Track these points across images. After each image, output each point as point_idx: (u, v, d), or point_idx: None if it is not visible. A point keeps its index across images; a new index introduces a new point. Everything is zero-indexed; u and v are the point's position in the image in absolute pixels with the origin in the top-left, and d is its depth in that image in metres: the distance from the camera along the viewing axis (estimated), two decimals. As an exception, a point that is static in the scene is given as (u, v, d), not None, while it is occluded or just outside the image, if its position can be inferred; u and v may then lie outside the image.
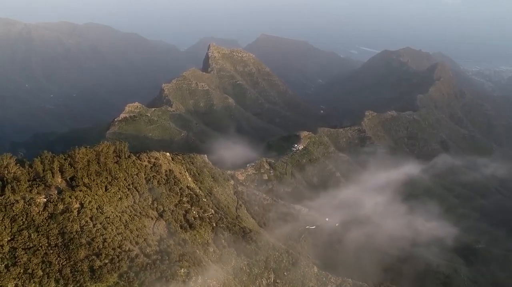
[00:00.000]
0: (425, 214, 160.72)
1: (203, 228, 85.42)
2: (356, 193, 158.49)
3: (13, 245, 57.74)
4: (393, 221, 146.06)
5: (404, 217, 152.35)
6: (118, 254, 62.07)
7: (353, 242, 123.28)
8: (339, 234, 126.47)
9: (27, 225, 60.12)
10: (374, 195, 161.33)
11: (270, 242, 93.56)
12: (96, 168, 75.20)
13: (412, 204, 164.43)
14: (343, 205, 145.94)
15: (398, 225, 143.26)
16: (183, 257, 68.56)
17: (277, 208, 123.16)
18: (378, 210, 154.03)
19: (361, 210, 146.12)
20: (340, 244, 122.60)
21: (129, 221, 70.56)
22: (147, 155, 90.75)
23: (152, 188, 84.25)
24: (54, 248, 59.51)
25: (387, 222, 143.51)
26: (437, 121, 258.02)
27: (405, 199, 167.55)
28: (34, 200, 62.43)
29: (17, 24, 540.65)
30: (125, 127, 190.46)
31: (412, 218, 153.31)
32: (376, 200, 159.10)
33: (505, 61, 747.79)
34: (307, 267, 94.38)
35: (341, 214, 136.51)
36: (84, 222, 63.90)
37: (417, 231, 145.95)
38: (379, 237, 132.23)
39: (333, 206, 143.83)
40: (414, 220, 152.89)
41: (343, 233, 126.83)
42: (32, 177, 66.19)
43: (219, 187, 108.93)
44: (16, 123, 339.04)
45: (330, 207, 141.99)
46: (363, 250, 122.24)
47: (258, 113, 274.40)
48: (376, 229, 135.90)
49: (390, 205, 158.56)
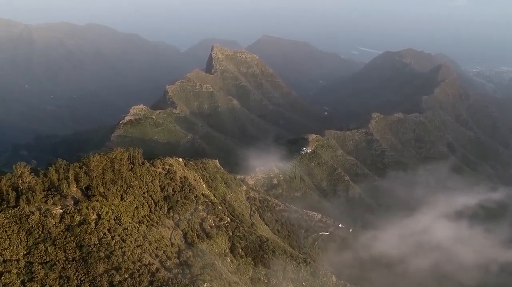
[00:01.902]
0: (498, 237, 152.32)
1: (219, 237, 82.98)
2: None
3: (29, 260, 55.18)
4: (464, 246, 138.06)
5: (477, 240, 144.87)
6: (138, 268, 59.37)
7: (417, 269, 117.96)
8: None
9: (44, 238, 57.53)
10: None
11: (288, 251, 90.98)
12: (111, 176, 72.55)
13: (482, 227, 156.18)
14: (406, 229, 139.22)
15: (470, 250, 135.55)
16: (204, 269, 65.96)
17: (289, 214, 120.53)
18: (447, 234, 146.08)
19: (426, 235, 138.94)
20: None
21: (147, 232, 67.99)
22: (161, 161, 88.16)
23: (167, 196, 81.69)
24: (72, 262, 56.86)
25: (457, 248, 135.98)
26: (443, 123, 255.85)
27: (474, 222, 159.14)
28: (50, 212, 59.80)
29: (18, 25, 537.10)
30: (131, 130, 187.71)
31: (485, 242, 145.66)
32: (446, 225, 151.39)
33: (506, 62, 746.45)
34: (325, 276, 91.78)
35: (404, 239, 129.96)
36: (102, 234, 61.29)
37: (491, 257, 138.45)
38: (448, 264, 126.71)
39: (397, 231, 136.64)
40: (488, 244, 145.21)
41: (405, 261, 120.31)
42: (47, 186, 63.46)
43: (232, 194, 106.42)
44: (17, 124, 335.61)
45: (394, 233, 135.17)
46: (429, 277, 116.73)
47: (262, 115, 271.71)
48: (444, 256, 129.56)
49: (459, 229, 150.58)
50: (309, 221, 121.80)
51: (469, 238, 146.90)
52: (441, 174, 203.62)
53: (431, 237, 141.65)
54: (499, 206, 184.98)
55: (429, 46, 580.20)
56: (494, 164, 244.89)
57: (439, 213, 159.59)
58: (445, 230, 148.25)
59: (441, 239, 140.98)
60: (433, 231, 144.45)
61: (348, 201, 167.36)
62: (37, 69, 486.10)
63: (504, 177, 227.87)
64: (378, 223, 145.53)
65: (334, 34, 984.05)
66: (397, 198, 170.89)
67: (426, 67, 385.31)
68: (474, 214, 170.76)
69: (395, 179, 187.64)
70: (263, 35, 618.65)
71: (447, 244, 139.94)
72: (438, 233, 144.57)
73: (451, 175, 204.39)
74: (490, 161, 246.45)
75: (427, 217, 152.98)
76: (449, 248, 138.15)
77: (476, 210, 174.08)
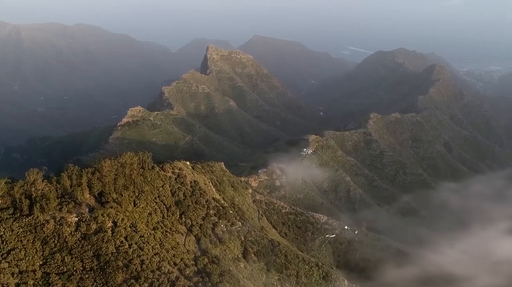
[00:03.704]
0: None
1: (232, 242, 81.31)
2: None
3: (46, 270, 53.24)
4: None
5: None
6: (157, 277, 57.66)
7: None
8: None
9: (60, 248, 55.48)
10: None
11: (299, 255, 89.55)
12: (123, 182, 70.44)
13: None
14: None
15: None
16: (223, 277, 64.31)
17: (295, 217, 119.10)
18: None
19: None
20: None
21: (163, 239, 66.08)
22: (171, 165, 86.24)
23: (179, 201, 79.79)
24: (90, 272, 54.93)
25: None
26: (439, 123, 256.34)
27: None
28: (65, 220, 57.68)
29: (6, 25, 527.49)
30: (128, 132, 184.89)
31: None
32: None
33: (494, 61, 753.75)
34: (338, 280, 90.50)
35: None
36: (119, 243, 59.33)
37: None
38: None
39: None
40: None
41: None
42: (60, 193, 61.24)
43: (239, 197, 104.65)
44: (7, 126, 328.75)
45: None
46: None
47: (258, 116, 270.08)
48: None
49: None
50: (315, 224, 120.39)
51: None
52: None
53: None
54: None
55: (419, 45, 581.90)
56: (491, 163, 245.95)
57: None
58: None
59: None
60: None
61: (349, 202, 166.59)
62: (26, 70, 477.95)
63: (502, 177, 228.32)
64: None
65: (325, 34, 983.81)
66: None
67: (419, 66, 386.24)
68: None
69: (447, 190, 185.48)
70: (255, 35, 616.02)
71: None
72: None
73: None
74: (486, 160, 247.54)
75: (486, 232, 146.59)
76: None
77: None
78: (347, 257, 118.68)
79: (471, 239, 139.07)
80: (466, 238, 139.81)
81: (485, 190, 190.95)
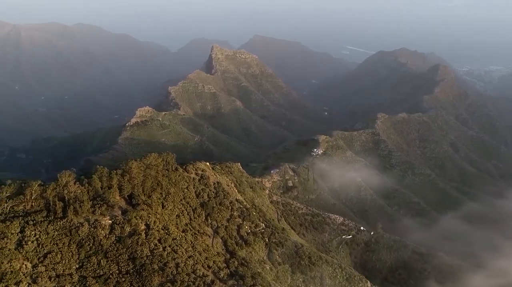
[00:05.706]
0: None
1: (257, 244, 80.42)
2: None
3: (82, 274, 52.21)
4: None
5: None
6: (193, 280, 56.67)
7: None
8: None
9: (95, 251, 54.54)
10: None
11: (323, 257, 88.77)
12: (150, 183, 69.46)
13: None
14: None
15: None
16: (255, 280, 63.40)
17: (312, 218, 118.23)
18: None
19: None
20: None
21: (194, 242, 65.12)
22: (194, 166, 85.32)
23: (204, 202, 78.92)
24: (126, 276, 53.93)
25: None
26: (445, 123, 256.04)
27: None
28: (99, 222, 56.74)
29: (5, 25, 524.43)
30: (137, 132, 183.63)
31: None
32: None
33: (494, 61, 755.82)
34: (361, 281, 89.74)
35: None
36: (154, 245, 58.40)
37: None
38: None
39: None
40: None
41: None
42: (92, 196, 60.23)
43: (258, 198, 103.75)
44: (10, 126, 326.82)
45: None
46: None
47: (264, 116, 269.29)
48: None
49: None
50: (332, 225, 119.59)
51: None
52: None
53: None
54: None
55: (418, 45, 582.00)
56: (497, 163, 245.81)
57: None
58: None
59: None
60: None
61: (360, 202, 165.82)
62: (26, 70, 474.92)
63: (508, 176, 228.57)
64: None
65: (325, 34, 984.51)
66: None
67: (421, 66, 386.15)
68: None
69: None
70: (255, 35, 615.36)
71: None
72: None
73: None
74: (493, 160, 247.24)
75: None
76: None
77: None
78: (363, 258, 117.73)
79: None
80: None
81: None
